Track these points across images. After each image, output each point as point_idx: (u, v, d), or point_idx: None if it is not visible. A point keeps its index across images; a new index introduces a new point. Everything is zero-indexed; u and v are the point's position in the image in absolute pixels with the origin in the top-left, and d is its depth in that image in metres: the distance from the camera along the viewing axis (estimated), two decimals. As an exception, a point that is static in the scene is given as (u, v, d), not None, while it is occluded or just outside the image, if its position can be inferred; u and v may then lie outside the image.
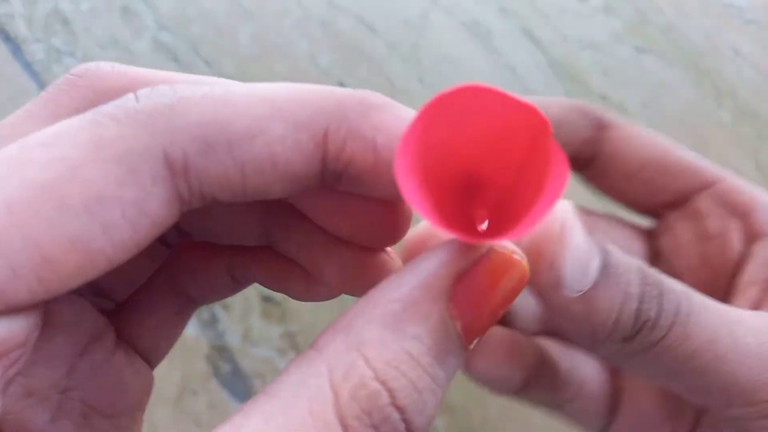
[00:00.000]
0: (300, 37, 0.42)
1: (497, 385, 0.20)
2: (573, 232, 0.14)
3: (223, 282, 0.17)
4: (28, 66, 0.40)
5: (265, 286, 0.16)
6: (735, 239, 0.19)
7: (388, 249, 0.15)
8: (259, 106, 0.12)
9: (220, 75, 0.43)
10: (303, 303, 0.26)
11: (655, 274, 0.15)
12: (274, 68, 0.41)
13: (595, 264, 0.14)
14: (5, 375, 0.11)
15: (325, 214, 0.15)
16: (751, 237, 0.19)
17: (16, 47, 0.41)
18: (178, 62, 0.41)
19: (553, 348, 0.21)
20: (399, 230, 0.15)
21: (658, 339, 0.15)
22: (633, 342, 0.15)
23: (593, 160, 0.20)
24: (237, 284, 0.17)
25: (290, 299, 0.17)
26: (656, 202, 0.20)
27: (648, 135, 0.20)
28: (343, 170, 0.13)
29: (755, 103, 0.41)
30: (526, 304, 0.21)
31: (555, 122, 0.17)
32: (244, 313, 0.34)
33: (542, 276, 0.14)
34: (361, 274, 0.15)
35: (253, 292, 0.35)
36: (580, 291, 0.14)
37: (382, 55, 0.42)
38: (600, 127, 0.20)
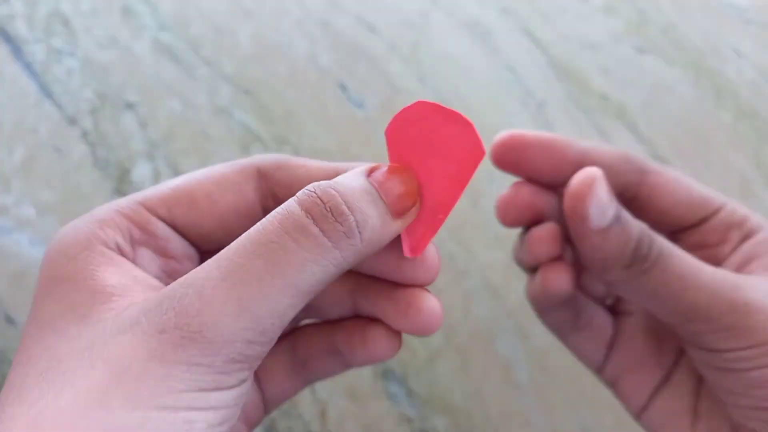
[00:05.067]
0: (300, 36, 0.42)
1: (550, 299, 0.26)
2: (600, 187, 0.22)
3: (325, 357, 0.23)
4: (28, 66, 0.40)
5: (353, 358, 0.22)
6: (729, 245, 0.25)
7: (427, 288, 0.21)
8: (302, 160, 0.23)
9: (220, 75, 0.43)
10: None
11: (650, 230, 0.23)
12: (273, 68, 0.41)
13: (611, 212, 0.22)
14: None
15: (385, 270, 0.21)
16: (743, 239, 0.25)
17: (16, 47, 0.41)
18: (178, 62, 0.41)
19: (577, 295, 0.27)
20: (430, 272, 0.21)
21: (646, 269, 0.23)
22: (630, 269, 0.23)
23: (635, 199, 0.26)
24: (335, 357, 0.23)
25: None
26: (680, 228, 0.26)
27: (678, 178, 0.26)
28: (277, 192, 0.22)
29: (755, 103, 0.41)
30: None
31: (606, 167, 0.24)
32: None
33: (575, 211, 0.22)
34: (413, 308, 0.21)
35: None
36: (600, 227, 0.22)
37: (382, 55, 0.42)
38: (642, 172, 0.26)
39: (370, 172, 0.19)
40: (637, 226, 0.23)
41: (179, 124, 0.40)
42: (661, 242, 0.23)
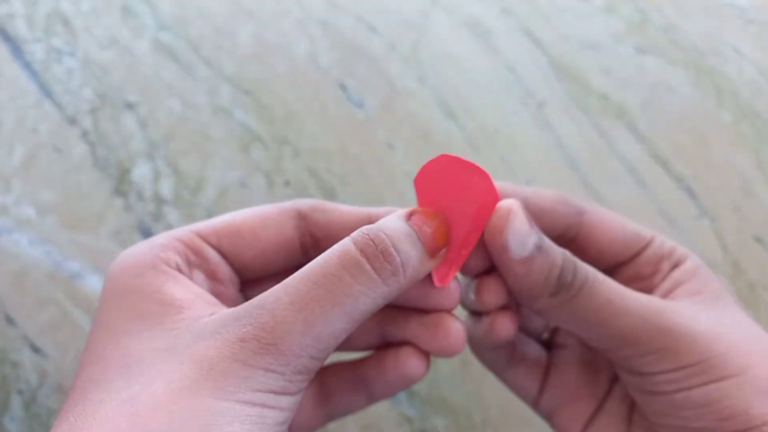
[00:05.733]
0: (300, 36, 0.42)
1: (497, 344, 0.26)
2: (516, 217, 0.23)
3: (350, 389, 0.25)
4: (28, 66, 0.40)
5: (381, 384, 0.25)
6: (660, 275, 0.26)
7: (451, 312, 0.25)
8: (338, 205, 0.25)
9: (220, 75, 0.43)
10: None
11: (574, 257, 0.24)
12: (274, 68, 0.41)
13: (531, 241, 0.23)
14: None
15: (414, 299, 0.24)
16: (672, 268, 0.26)
17: (16, 47, 0.41)
18: (178, 62, 0.41)
19: None
20: (453, 299, 0.24)
21: (572, 296, 0.23)
22: (556, 297, 0.23)
23: (576, 240, 0.27)
24: (360, 391, 0.25)
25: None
26: (617, 263, 0.27)
27: (612, 216, 0.27)
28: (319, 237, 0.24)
29: (756, 103, 0.41)
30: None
31: (545, 211, 0.25)
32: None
33: (494, 242, 0.23)
34: (441, 329, 0.24)
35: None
36: (521, 257, 0.23)
37: (382, 55, 0.42)
38: (579, 213, 0.26)
39: (408, 216, 0.22)
40: (560, 254, 0.23)
41: (179, 124, 0.40)
42: (586, 269, 0.24)
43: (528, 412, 0.29)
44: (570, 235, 0.27)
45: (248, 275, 0.25)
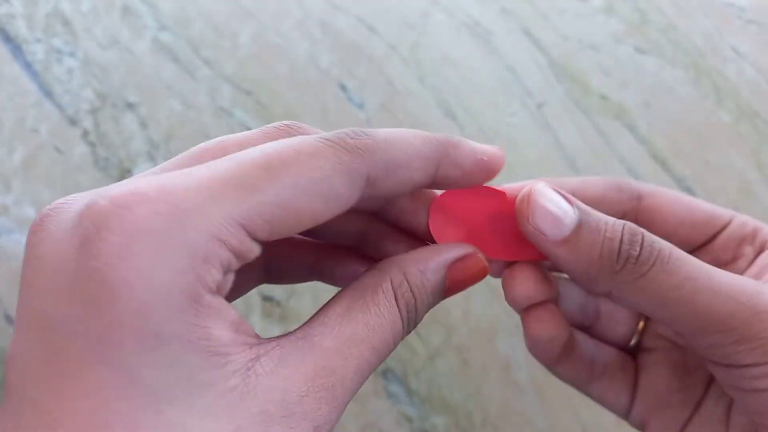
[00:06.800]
0: (300, 37, 0.42)
1: (543, 348, 0.24)
2: (540, 198, 0.21)
3: (301, 269, 0.24)
4: (28, 66, 0.40)
5: (328, 281, 0.24)
6: (744, 260, 0.24)
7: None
8: (409, 149, 0.20)
9: (220, 75, 0.43)
10: (302, 303, 0.26)
11: (639, 228, 0.21)
12: (274, 68, 0.41)
13: (570, 219, 0.21)
14: (230, 272, 0.17)
15: (407, 220, 0.23)
16: (759, 252, 0.24)
17: (16, 47, 0.41)
18: (178, 62, 0.41)
19: (584, 336, 0.26)
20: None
21: (643, 272, 0.20)
22: (621, 274, 0.20)
23: None
24: (309, 275, 0.24)
25: (289, 299, 0.20)
26: (689, 249, 0.24)
27: (677, 197, 0.25)
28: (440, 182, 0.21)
29: (756, 103, 0.41)
30: (569, 300, 0.26)
31: (595, 200, 0.24)
32: (245, 313, 0.34)
33: (525, 230, 0.21)
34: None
35: (254, 291, 0.34)
36: (561, 237, 0.20)
37: (382, 55, 0.42)
38: (637, 197, 0.25)
39: (449, 266, 0.21)
40: (618, 226, 0.21)
41: (179, 124, 0.40)
42: (660, 242, 0.21)
43: (528, 412, 0.29)
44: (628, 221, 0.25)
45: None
